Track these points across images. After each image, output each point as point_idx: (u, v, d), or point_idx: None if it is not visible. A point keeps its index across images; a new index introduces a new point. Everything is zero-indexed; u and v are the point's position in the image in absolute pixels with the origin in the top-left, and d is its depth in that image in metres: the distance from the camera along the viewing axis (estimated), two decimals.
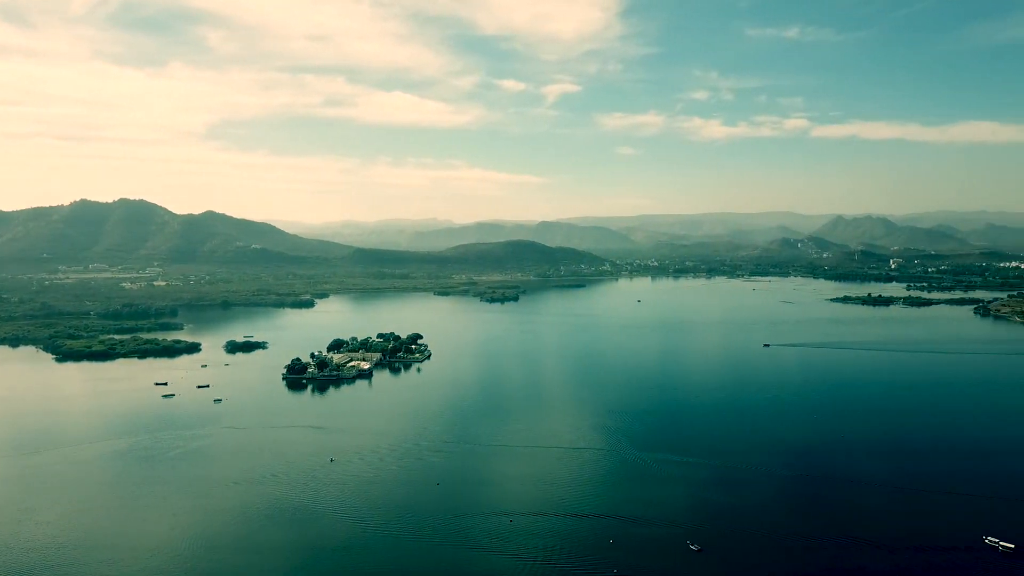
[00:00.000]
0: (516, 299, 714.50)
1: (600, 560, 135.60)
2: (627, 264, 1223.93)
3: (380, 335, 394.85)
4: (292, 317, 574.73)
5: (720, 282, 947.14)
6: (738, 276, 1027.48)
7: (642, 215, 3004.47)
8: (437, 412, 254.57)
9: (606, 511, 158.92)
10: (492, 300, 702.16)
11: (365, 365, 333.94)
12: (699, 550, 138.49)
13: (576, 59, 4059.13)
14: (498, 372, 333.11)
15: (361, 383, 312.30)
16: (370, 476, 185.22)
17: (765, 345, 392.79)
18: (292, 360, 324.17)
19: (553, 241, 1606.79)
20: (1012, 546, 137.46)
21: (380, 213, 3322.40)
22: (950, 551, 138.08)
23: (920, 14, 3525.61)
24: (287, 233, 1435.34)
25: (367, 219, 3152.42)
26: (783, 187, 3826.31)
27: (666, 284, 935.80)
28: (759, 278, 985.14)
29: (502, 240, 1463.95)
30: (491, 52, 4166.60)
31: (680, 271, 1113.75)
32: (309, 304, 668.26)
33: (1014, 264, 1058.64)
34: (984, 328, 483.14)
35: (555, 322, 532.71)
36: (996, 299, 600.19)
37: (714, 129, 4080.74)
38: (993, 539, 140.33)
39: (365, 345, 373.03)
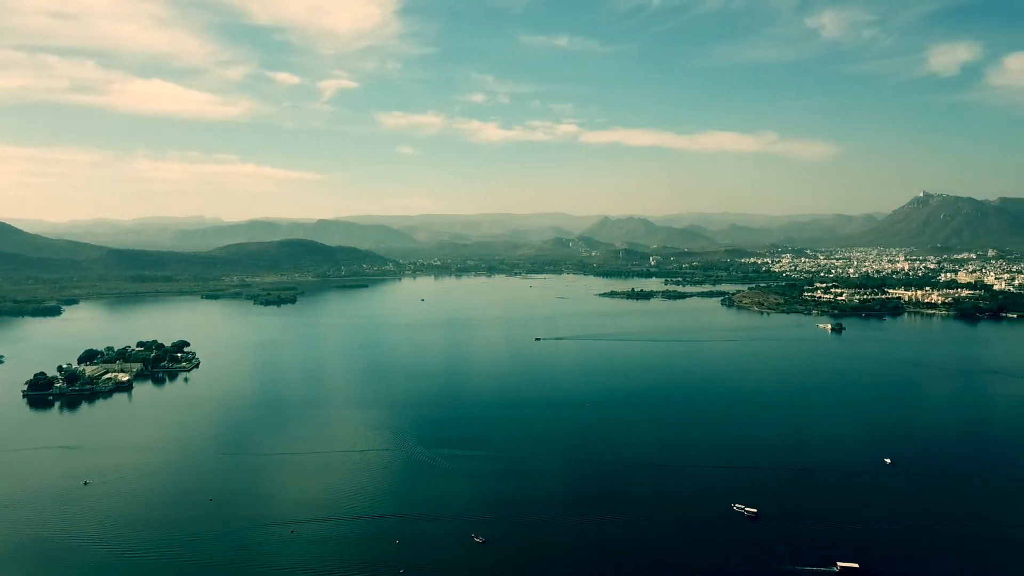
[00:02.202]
0: (294, 301, 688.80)
1: (386, 561, 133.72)
2: (410, 263, 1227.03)
3: (141, 343, 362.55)
4: (34, 326, 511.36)
5: (500, 280, 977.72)
6: (516, 274, 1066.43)
7: (424, 215, 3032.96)
8: (209, 423, 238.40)
9: (392, 511, 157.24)
10: (267, 303, 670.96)
11: (124, 377, 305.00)
12: (483, 542, 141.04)
13: (353, 55, 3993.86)
14: (276, 378, 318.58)
15: (120, 397, 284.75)
16: (132, 497, 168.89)
17: (536, 339, 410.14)
18: (35, 375, 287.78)
19: (333, 240, 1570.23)
20: (755, 510, 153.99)
21: (139, 211, 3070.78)
22: (704, 518, 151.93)
23: (674, 31, 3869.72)
24: (26, 233, 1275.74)
25: (124, 217, 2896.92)
26: (556, 189, 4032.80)
27: (449, 283, 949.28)
28: (535, 276, 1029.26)
29: (278, 239, 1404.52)
30: (263, 43, 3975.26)
31: (462, 270, 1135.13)
32: (55, 311, 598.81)
33: (752, 260, 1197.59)
34: (729, 317, 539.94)
35: (337, 323, 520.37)
36: (739, 291, 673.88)
37: (491, 132, 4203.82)
38: (740, 506, 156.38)
39: (123, 355, 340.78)
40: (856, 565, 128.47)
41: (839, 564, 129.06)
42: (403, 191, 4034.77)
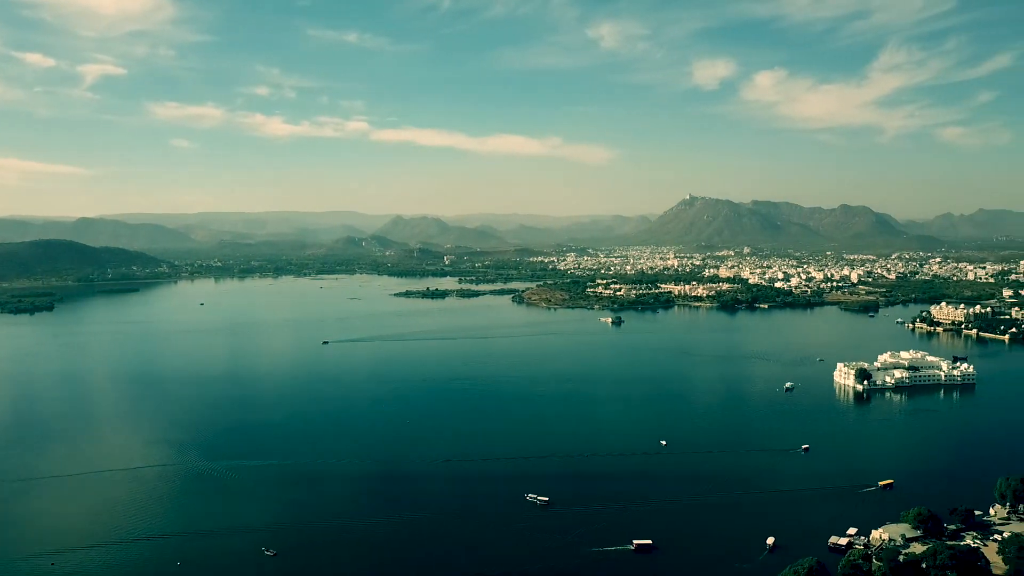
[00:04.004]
0: (50, 308, 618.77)
1: None
2: (187, 265, 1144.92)
3: None
4: None
5: (288, 281, 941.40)
6: (306, 275, 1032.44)
7: (203, 213, 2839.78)
8: None
9: (172, 530, 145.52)
10: (17, 311, 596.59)
11: None
12: (274, 555, 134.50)
13: (120, 39, 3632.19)
14: (30, 394, 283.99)
15: None
16: None
17: (324, 342, 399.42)
18: None
19: (98, 240, 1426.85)
20: (547, 499, 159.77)
21: None
22: (500, 510, 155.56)
23: (464, 34, 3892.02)
24: None
25: None
26: (347, 187, 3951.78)
27: (231, 285, 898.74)
28: (326, 276, 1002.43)
29: (29, 239, 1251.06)
30: (9, 19, 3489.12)
31: (246, 271, 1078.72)
32: None
33: (540, 259, 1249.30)
34: (520, 313, 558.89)
35: (104, 331, 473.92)
36: (528, 288, 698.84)
37: (277, 126, 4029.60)
38: (532, 495, 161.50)
39: None
40: (649, 541, 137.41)
41: (635, 542, 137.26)
42: (179, 187, 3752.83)
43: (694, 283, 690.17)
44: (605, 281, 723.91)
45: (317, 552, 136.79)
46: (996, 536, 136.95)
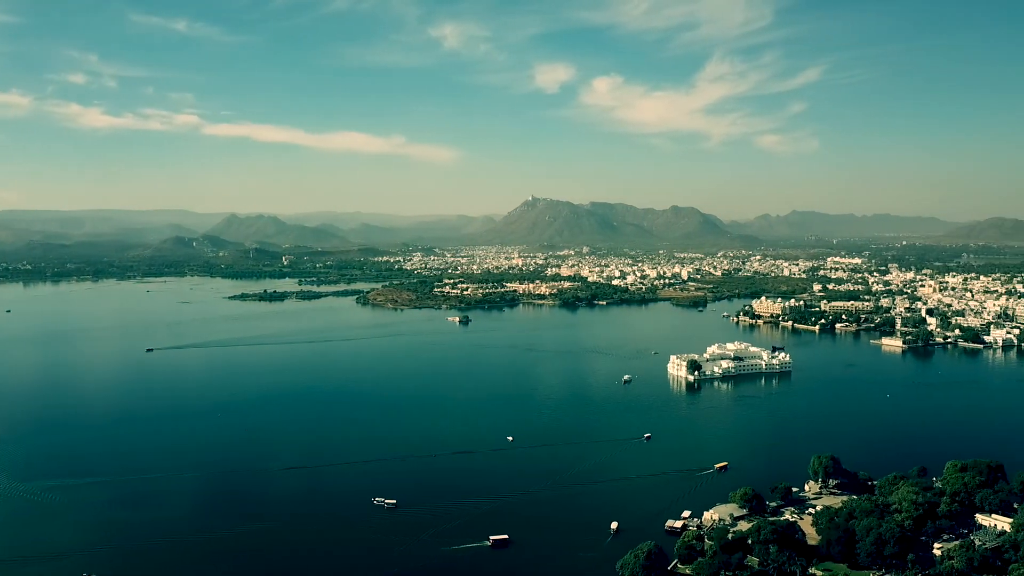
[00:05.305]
0: None
1: None
2: None
3: None
4: None
5: (110, 285, 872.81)
6: (130, 278, 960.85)
7: (8, 211, 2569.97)
8: None
9: None
10: None
11: None
12: None
13: None
14: None
15: None
16: None
17: (148, 350, 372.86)
18: None
19: None
20: (394, 501, 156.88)
21: None
22: (347, 517, 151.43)
23: (302, 27, 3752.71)
24: None
25: None
26: (176, 184, 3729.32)
27: (44, 290, 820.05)
28: (153, 279, 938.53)
29: None
30: None
31: (60, 275, 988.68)
32: None
33: (386, 259, 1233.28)
34: (365, 315, 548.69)
35: None
36: (373, 289, 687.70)
37: (95, 117, 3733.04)
38: (380, 499, 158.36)
39: None
40: (505, 536, 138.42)
41: (491, 538, 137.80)
42: None
43: (538, 282, 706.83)
44: (452, 281, 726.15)
45: (147, 573, 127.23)
46: (810, 509, 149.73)
